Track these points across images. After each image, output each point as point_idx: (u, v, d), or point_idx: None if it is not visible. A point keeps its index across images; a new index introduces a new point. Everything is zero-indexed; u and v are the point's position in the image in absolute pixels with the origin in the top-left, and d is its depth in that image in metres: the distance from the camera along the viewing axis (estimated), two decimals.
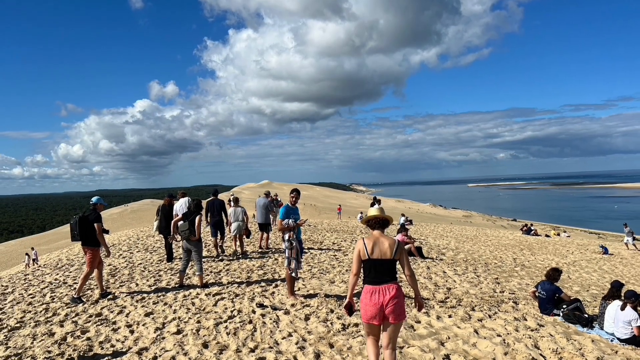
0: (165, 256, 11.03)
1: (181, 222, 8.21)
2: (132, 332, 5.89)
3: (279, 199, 19.55)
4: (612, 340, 6.44)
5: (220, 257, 11.28)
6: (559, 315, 7.25)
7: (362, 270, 4.24)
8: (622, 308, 6.52)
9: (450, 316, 6.57)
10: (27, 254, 26.36)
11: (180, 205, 10.16)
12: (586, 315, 7.19)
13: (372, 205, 9.95)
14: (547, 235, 31.04)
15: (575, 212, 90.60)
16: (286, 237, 7.19)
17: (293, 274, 7.25)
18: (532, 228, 31.91)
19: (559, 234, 32.99)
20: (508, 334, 5.92)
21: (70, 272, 10.34)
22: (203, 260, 8.62)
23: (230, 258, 11.22)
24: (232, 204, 12.15)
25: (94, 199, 7.76)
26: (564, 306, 7.31)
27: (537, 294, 7.74)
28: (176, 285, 8.32)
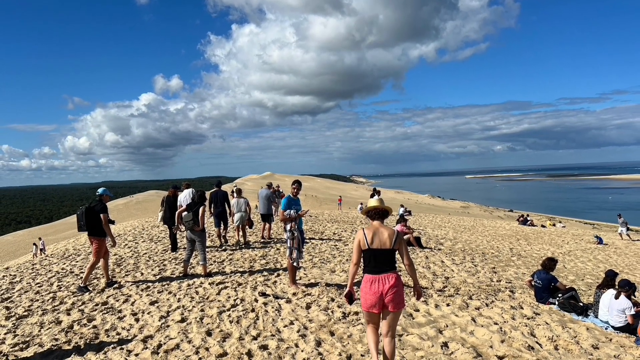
0: (170, 246, 11.11)
1: (185, 212, 8.31)
2: (137, 320, 5.98)
3: (280, 190, 19.64)
4: (606, 328, 6.52)
5: (223, 247, 11.36)
6: (554, 303, 7.33)
7: (362, 260, 4.29)
8: (617, 297, 6.61)
9: (448, 305, 6.65)
10: (34, 244, 26.51)
11: (185, 197, 10.24)
12: (581, 304, 7.28)
13: (372, 196, 10.05)
14: (542, 226, 31.13)
15: (571, 203, 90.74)
16: (288, 227, 7.25)
17: (295, 264, 7.33)
18: (529, 219, 32.01)
19: (554, 225, 33.07)
20: (505, 322, 6.00)
21: (77, 261, 10.43)
22: (206, 250, 8.70)
23: (233, 248, 11.31)
24: (235, 195, 12.26)
25: (100, 190, 7.84)
26: (560, 295, 7.39)
27: (533, 283, 7.82)
28: (180, 275, 8.41)
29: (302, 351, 4.91)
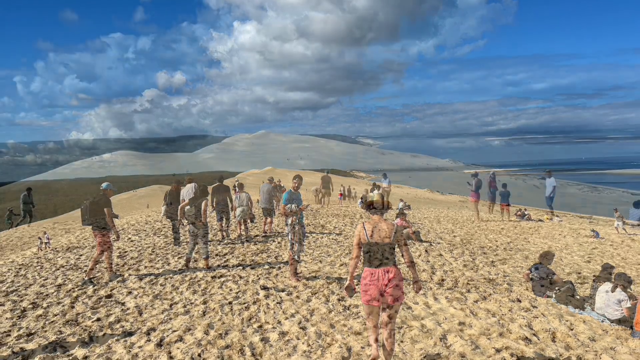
0: (173, 240, 11.19)
1: (188, 207, 8.38)
2: (140, 313, 6.05)
3: (282, 185, 19.67)
4: (602, 321, 6.55)
5: (225, 241, 11.42)
6: (551, 296, 7.39)
7: (362, 254, 4.37)
8: (613, 290, 6.66)
9: (446, 297, 6.71)
10: (39, 237, 26.43)
11: (187, 191, 10.28)
12: (578, 297, 7.33)
13: (372, 190, 10.08)
14: (540, 220, 31.09)
15: (568, 197, 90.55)
16: (289, 221, 7.33)
17: (295, 257, 7.41)
18: (526, 213, 31.97)
19: (551, 219, 33.03)
20: (503, 314, 6.07)
21: (81, 255, 10.47)
22: (209, 244, 8.78)
23: (235, 242, 11.38)
24: (237, 189, 12.31)
25: (103, 185, 7.90)
26: (557, 288, 7.45)
27: (530, 277, 7.87)
28: (183, 268, 8.47)
29: (303, 343, 4.98)
